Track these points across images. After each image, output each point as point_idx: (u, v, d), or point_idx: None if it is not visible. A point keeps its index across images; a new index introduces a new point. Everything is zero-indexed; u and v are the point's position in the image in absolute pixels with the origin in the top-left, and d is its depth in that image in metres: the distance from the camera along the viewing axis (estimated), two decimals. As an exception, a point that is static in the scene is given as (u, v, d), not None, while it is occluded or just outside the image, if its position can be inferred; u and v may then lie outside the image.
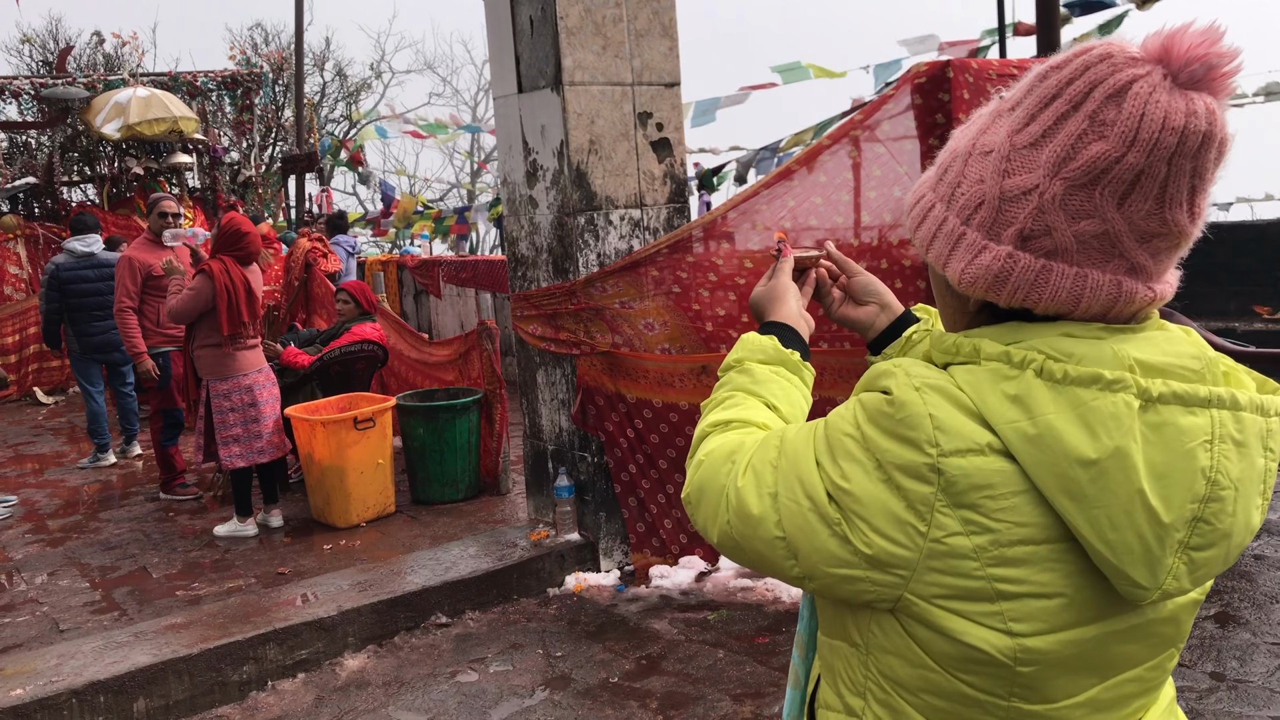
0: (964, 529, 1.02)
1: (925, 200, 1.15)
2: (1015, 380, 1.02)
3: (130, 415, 7.97)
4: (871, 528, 1.05)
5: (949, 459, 1.01)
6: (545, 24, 4.79)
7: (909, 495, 1.02)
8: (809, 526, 1.09)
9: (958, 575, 1.03)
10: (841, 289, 1.59)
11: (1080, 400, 0.99)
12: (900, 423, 1.03)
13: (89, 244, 7.62)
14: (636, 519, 5.11)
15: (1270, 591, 4.48)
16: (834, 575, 1.08)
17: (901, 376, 1.06)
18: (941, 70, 4.62)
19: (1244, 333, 8.85)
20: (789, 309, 1.47)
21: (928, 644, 1.07)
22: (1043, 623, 1.04)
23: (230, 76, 13.64)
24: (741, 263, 4.82)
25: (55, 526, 6.23)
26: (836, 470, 1.08)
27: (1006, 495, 1.01)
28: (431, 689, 4.06)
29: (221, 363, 5.58)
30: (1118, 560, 1.01)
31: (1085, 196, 1.00)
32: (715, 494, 1.20)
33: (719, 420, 1.31)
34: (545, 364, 5.21)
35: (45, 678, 3.89)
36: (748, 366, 1.38)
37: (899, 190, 4.82)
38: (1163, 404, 1.00)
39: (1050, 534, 1.02)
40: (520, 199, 5.18)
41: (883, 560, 1.05)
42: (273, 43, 22.00)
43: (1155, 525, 1.00)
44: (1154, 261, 1.04)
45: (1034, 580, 1.02)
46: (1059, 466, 0.99)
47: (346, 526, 5.78)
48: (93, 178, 12.49)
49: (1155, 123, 0.96)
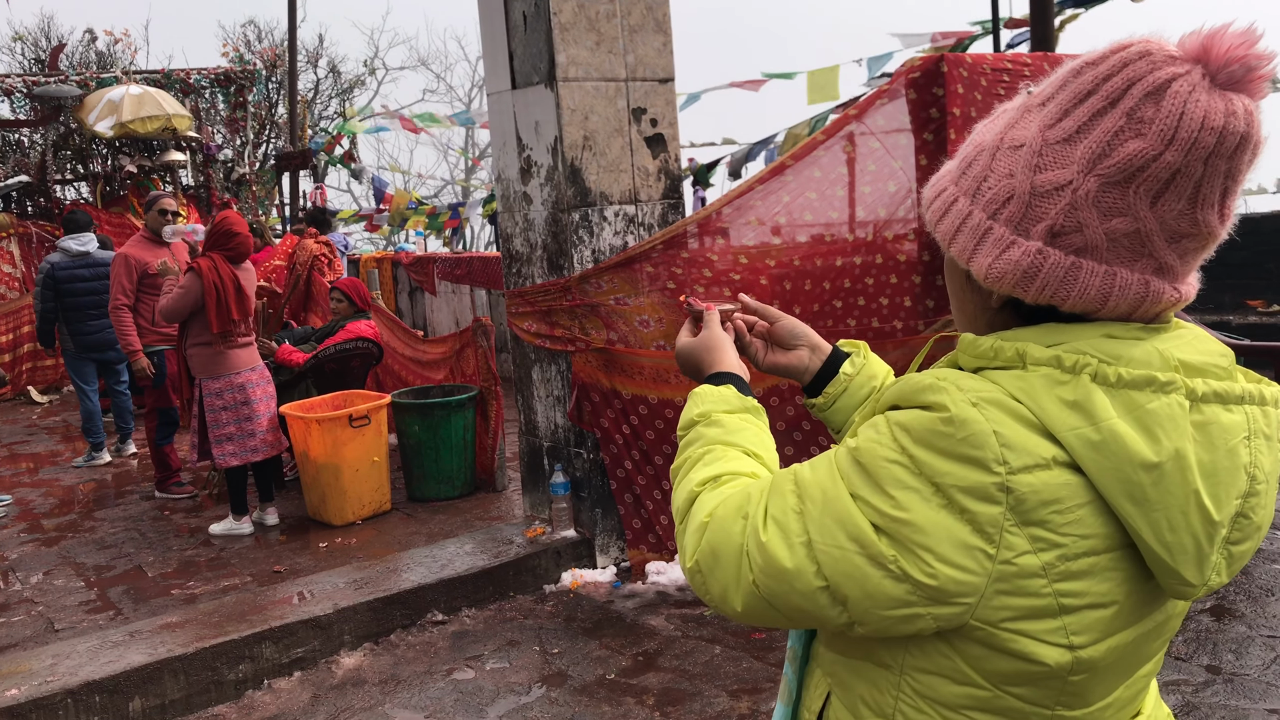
0: (1032, 547, 0.99)
1: (947, 194, 1.12)
2: (1070, 385, 1.00)
3: (125, 414, 7.95)
4: (936, 557, 0.99)
5: (1018, 476, 0.98)
6: (539, 20, 4.78)
7: (976, 518, 0.98)
8: (858, 571, 1.02)
9: (1025, 595, 1.00)
10: (762, 336, 1.54)
11: (1136, 403, 0.99)
12: (962, 442, 0.99)
13: (84, 243, 7.60)
14: (632, 515, 5.10)
15: (1266, 585, 4.49)
16: (890, 617, 1.03)
17: (954, 391, 1.01)
18: (936, 65, 4.62)
19: (1238, 326, 8.86)
20: (730, 357, 1.43)
21: (980, 662, 1.05)
22: (1098, 632, 1.03)
23: (223, 74, 13.60)
24: (736, 258, 4.82)
25: (50, 526, 6.22)
26: (887, 501, 1.01)
27: (1073, 508, 0.99)
28: (428, 687, 4.05)
29: (213, 361, 5.57)
30: (1173, 561, 1.01)
31: (1119, 194, 0.99)
32: (733, 555, 1.10)
33: (706, 477, 1.22)
34: (540, 361, 5.20)
35: (40, 678, 3.88)
36: (716, 418, 1.31)
37: (893, 185, 4.82)
38: (1205, 403, 1.01)
39: (1110, 543, 1.01)
40: (515, 195, 5.17)
41: (948, 590, 1.00)
42: (266, 39, 21.93)
43: (1208, 524, 1.01)
44: (1181, 262, 1.04)
45: (1093, 591, 1.02)
46: (1123, 472, 0.98)
47: (342, 524, 5.77)
48: (86, 176, 12.45)
49: (1195, 122, 0.95)
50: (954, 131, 4.55)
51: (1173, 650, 3.95)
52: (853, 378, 1.48)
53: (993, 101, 5.25)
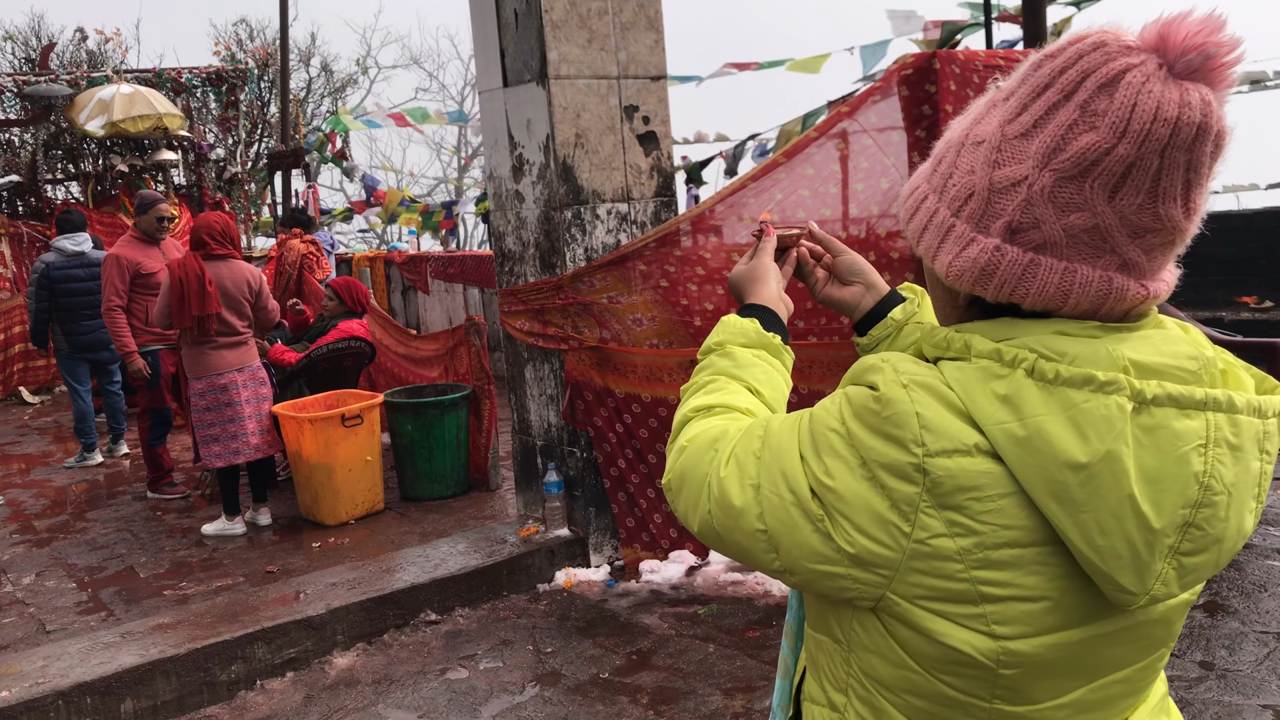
0: (948, 530, 0.99)
1: (919, 191, 1.13)
2: (1005, 379, 0.99)
3: (118, 414, 7.93)
4: (855, 526, 1.02)
5: (935, 459, 0.98)
6: (530, 17, 4.77)
7: (893, 495, 1.00)
8: (791, 521, 1.06)
9: (941, 577, 1.00)
10: (825, 269, 1.55)
11: (1071, 402, 0.97)
12: (886, 420, 1.01)
13: (79, 243, 7.57)
14: (626, 514, 5.09)
15: (1258, 580, 4.50)
16: (816, 571, 1.06)
17: (889, 372, 1.03)
18: (928, 62, 4.61)
19: (1231, 322, 8.88)
20: (769, 291, 1.44)
21: (909, 644, 1.06)
22: (1027, 626, 1.01)
23: (215, 72, 13.54)
24: (729, 256, 4.81)
25: (42, 527, 6.19)
26: (820, 466, 1.05)
27: (993, 497, 0.98)
28: (421, 687, 4.04)
29: (196, 360, 5.55)
30: (1106, 566, 0.98)
31: (1075, 189, 0.98)
32: (697, 482, 1.18)
33: (701, 405, 1.28)
34: (533, 359, 5.19)
35: (31, 679, 3.86)
36: (729, 350, 1.36)
37: (886, 182, 4.82)
38: (1157, 406, 0.98)
39: (1037, 537, 1.00)
40: (507, 194, 5.16)
41: (865, 559, 1.02)
42: (257, 38, 21.88)
43: (1145, 531, 0.98)
44: (1147, 258, 1.01)
45: (1019, 584, 1.00)
46: (1048, 470, 0.96)
47: (335, 524, 5.76)
48: (77, 175, 12.39)
49: (1147, 113, 0.93)
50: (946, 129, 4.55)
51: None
52: (901, 324, 1.48)
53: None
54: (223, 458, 5.60)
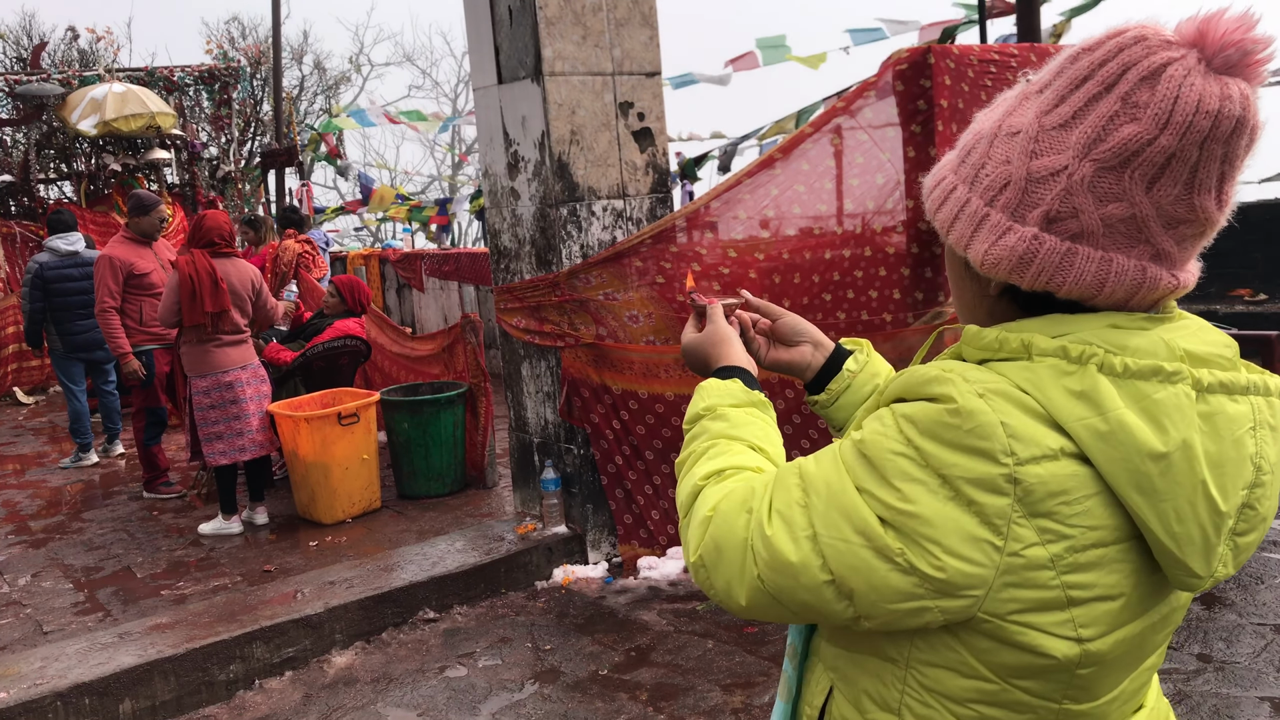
0: (1040, 539, 0.99)
1: (946, 182, 1.12)
2: (1076, 376, 0.99)
3: (113, 414, 7.91)
4: (944, 549, 0.99)
5: (1025, 467, 0.97)
6: (524, 14, 4.76)
7: (984, 510, 0.98)
8: (864, 564, 1.01)
9: (1034, 587, 1.00)
10: (765, 333, 1.53)
11: (1143, 393, 0.98)
12: (970, 433, 0.98)
13: (72, 242, 7.55)
14: (624, 510, 5.10)
15: (1255, 572, 4.51)
16: (898, 610, 1.02)
17: (960, 383, 1.00)
18: (923, 57, 4.61)
19: (1225, 315, 8.90)
20: (736, 351, 1.42)
21: (987, 655, 1.04)
22: (1106, 624, 1.03)
23: (207, 71, 13.49)
24: (725, 252, 4.81)
25: (37, 527, 6.18)
26: (893, 493, 1.01)
27: (1080, 499, 0.99)
28: (420, 685, 4.04)
29: (200, 359, 5.54)
30: (1180, 552, 1.00)
31: (1114, 179, 0.99)
32: (737, 550, 1.09)
33: (711, 471, 1.21)
34: (530, 356, 5.18)
35: (29, 680, 3.85)
36: (722, 412, 1.30)
37: (881, 177, 4.82)
38: (1211, 394, 1.01)
39: (1119, 534, 1.01)
40: (502, 191, 5.15)
41: (956, 583, 0.99)
42: (250, 36, 21.82)
43: (1215, 515, 1.01)
44: (1179, 249, 1.03)
45: (1102, 583, 1.01)
46: (1131, 462, 0.97)
47: (332, 523, 5.75)
48: (69, 175, 12.34)
49: (1189, 106, 0.95)
50: (941, 123, 4.55)
51: (1163, 639, 3.97)
52: (856, 375, 1.47)
53: (980, 93, 5.23)
54: (226, 455, 5.60)
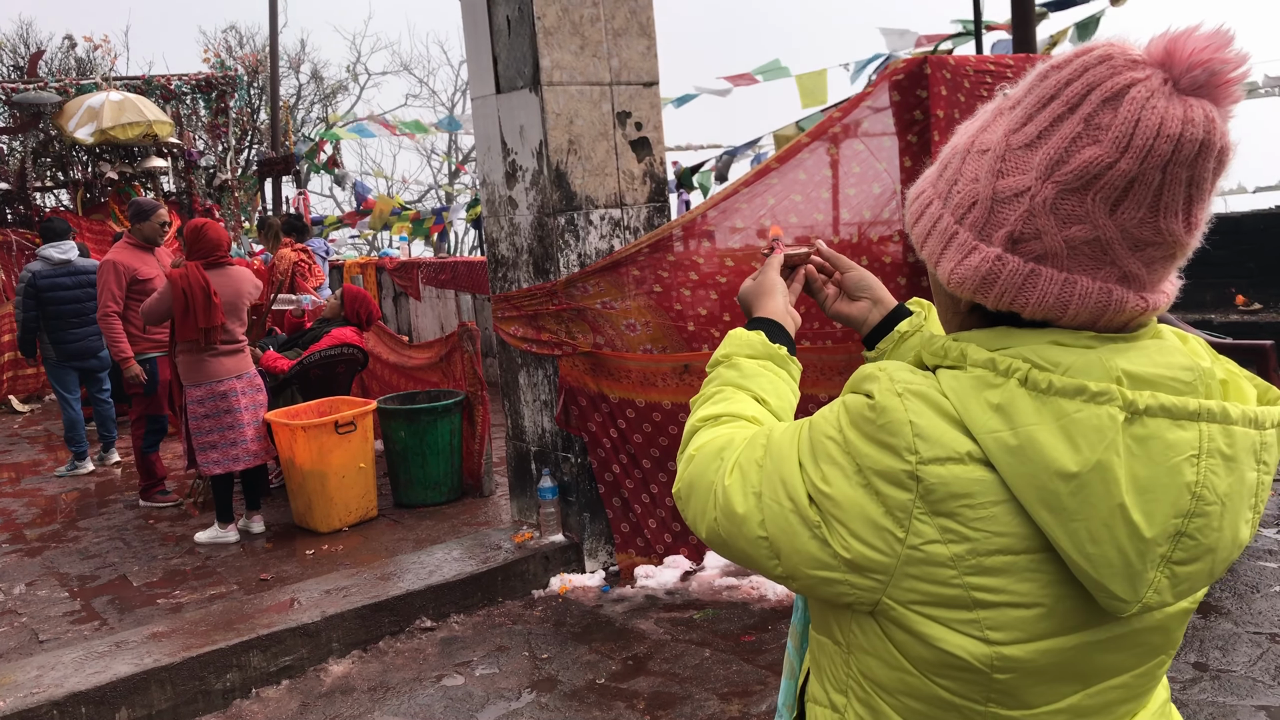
0: (941, 537, 1.01)
1: (924, 196, 1.14)
2: (999, 389, 1.00)
3: (108, 422, 7.90)
4: (850, 532, 1.04)
5: (928, 466, 1.00)
6: (522, 24, 4.77)
7: (887, 501, 1.02)
8: (790, 528, 1.09)
9: (935, 582, 1.02)
10: (834, 285, 1.59)
11: (1063, 412, 0.98)
12: (881, 428, 1.02)
13: (65, 250, 7.54)
14: (621, 519, 5.10)
15: (1251, 581, 4.52)
16: (814, 577, 1.09)
17: (884, 381, 1.05)
18: (919, 67, 4.64)
19: (1221, 324, 8.93)
20: (776, 304, 1.48)
21: (905, 647, 1.07)
22: (1020, 632, 1.03)
23: (205, 79, 13.51)
24: (722, 261, 4.82)
25: (33, 536, 6.17)
26: (818, 473, 1.07)
27: (985, 505, 1.00)
28: (417, 693, 4.04)
29: (194, 368, 5.54)
30: (1096, 573, 0.99)
31: (1077, 201, 0.98)
32: (704, 490, 1.21)
33: (708, 415, 1.32)
34: (527, 365, 5.19)
35: (25, 689, 3.84)
36: (736, 361, 1.39)
37: (878, 187, 4.84)
38: (1150, 417, 0.98)
39: (1029, 544, 1.01)
40: (500, 200, 5.16)
41: (860, 565, 1.05)
42: (247, 45, 21.86)
43: (1136, 540, 0.99)
44: (1147, 271, 1.02)
45: (1012, 590, 1.01)
46: (1039, 478, 0.98)
47: (329, 531, 5.75)
48: (66, 183, 12.35)
49: (1150, 129, 0.94)
50: (938, 133, 4.57)
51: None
52: (906, 336, 1.51)
53: (975, 103, 5.25)
54: (220, 464, 5.59)
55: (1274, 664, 3.79)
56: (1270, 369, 5.33)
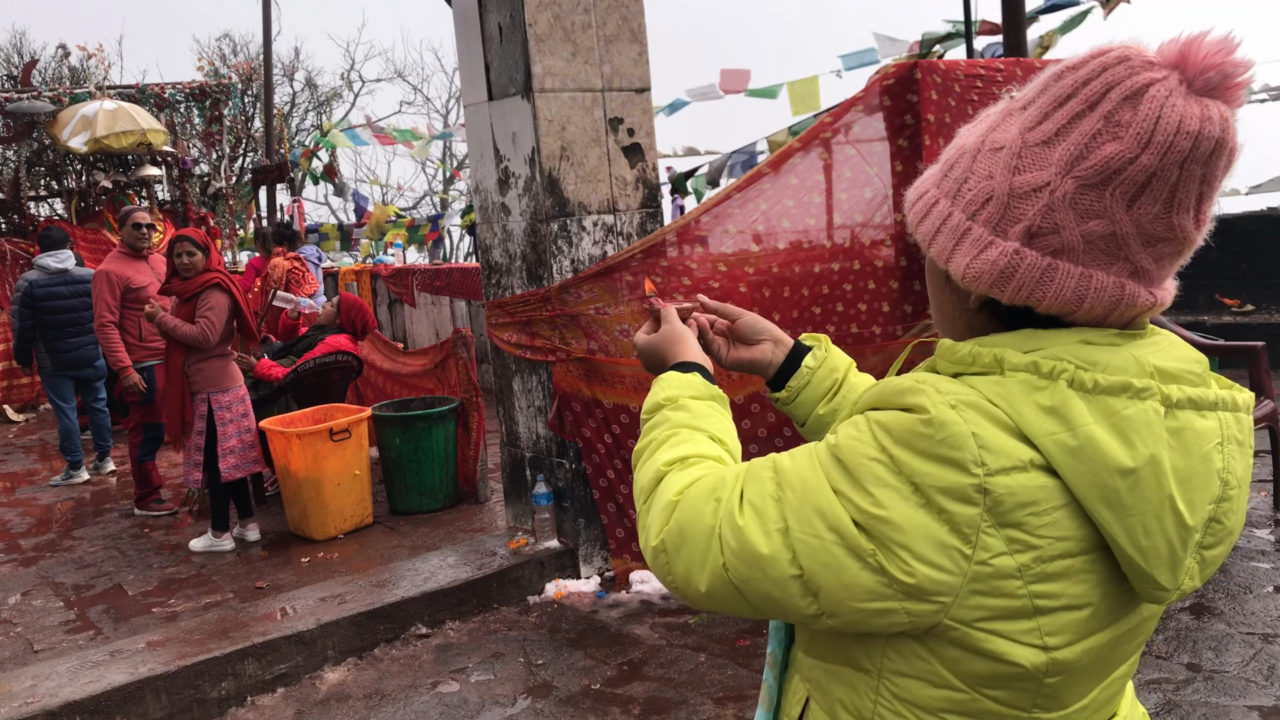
0: (1009, 548, 1.00)
1: (929, 196, 1.14)
2: (1047, 391, 1.01)
3: (103, 431, 7.89)
4: (914, 555, 1.01)
5: (995, 478, 0.99)
6: (514, 31, 4.79)
7: (954, 518, 1.00)
8: (836, 561, 1.03)
9: (1001, 596, 1.02)
10: (723, 334, 1.56)
11: (1112, 409, 1.00)
12: (942, 443, 1.00)
13: (62, 260, 7.54)
14: (616, 524, 5.10)
15: (1244, 582, 4.53)
16: (865, 610, 1.04)
17: (934, 394, 1.02)
18: (909, 72, 4.65)
19: (1213, 325, 8.95)
20: (694, 348, 1.45)
21: (956, 664, 1.06)
22: (1072, 634, 1.05)
23: (198, 88, 13.51)
24: (715, 266, 4.83)
25: (28, 545, 6.16)
26: (866, 498, 1.03)
27: (1049, 510, 1.00)
28: (413, 700, 4.04)
29: (224, 373, 5.61)
30: (1147, 565, 1.02)
31: (1096, 196, 1.01)
32: (702, 536, 1.11)
33: (674, 458, 1.23)
34: (521, 371, 5.20)
35: (20, 699, 3.84)
36: (683, 403, 1.33)
37: (869, 191, 4.85)
38: (1180, 409, 1.03)
39: (1085, 545, 1.03)
40: (493, 206, 5.17)
41: (924, 589, 1.01)
42: (241, 53, 21.88)
43: (1181, 529, 1.03)
44: (1157, 266, 1.05)
45: (1069, 593, 1.03)
46: (1100, 477, 0.99)
47: (324, 539, 5.75)
48: (60, 192, 12.34)
49: (1171, 126, 0.97)
50: (929, 138, 4.59)
51: (1153, 649, 3.98)
52: (815, 370, 1.51)
53: (966, 107, 5.26)
54: (240, 469, 5.64)
55: (1267, 664, 3.80)
56: (1262, 370, 5.35)
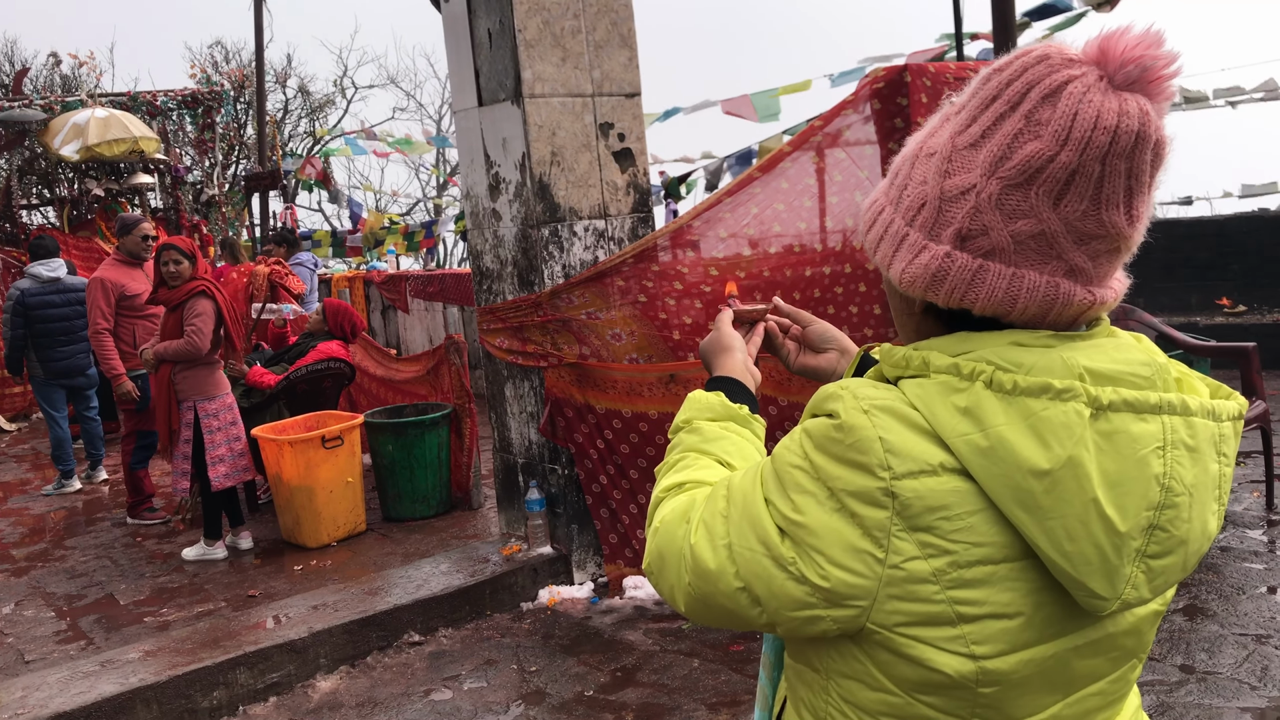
0: (921, 552, 1.00)
1: (877, 204, 1.15)
2: (965, 392, 1.01)
3: (95, 440, 7.87)
4: (828, 559, 1.02)
5: (902, 481, 0.99)
6: (504, 37, 4.79)
7: (865, 522, 1.01)
8: (765, 572, 1.06)
9: (918, 600, 1.01)
10: (795, 339, 1.57)
11: (1030, 411, 0.99)
12: (850, 447, 1.02)
13: (54, 268, 7.52)
14: (609, 530, 5.09)
15: (1237, 583, 4.53)
16: (797, 618, 1.06)
17: (849, 399, 1.04)
18: (899, 75, 4.66)
19: (1205, 326, 8.96)
20: (734, 362, 1.46)
21: (888, 668, 1.06)
22: (1004, 643, 1.02)
23: (191, 95, 13.49)
24: (706, 270, 4.83)
25: (20, 555, 6.13)
26: (788, 504, 1.05)
27: (962, 515, 1.00)
28: (405, 708, 4.02)
29: (211, 381, 5.59)
30: (1076, 571, 1.00)
31: (1021, 196, 1.01)
32: (675, 557, 1.16)
33: (672, 484, 1.27)
34: (513, 377, 5.19)
35: (10, 711, 3.82)
36: (696, 425, 1.35)
37: (860, 195, 4.85)
38: (1113, 411, 1.00)
39: (1008, 552, 1.01)
40: (484, 212, 5.17)
41: (841, 593, 1.03)
42: (233, 60, 21.86)
43: (1111, 534, 1.00)
44: (1093, 264, 1.04)
45: (994, 600, 1.01)
46: (1012, 478, 0.98)
47: (317, 546, 5.73)
48: (52, 200, 12.32)
49: (1087, 121, 0.97)
50: (919, 141, 4.59)
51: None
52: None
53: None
54: (231, 476, 5.62)
55: (1260, 666, 3.80)
56: (1254, 371, 5.36)
